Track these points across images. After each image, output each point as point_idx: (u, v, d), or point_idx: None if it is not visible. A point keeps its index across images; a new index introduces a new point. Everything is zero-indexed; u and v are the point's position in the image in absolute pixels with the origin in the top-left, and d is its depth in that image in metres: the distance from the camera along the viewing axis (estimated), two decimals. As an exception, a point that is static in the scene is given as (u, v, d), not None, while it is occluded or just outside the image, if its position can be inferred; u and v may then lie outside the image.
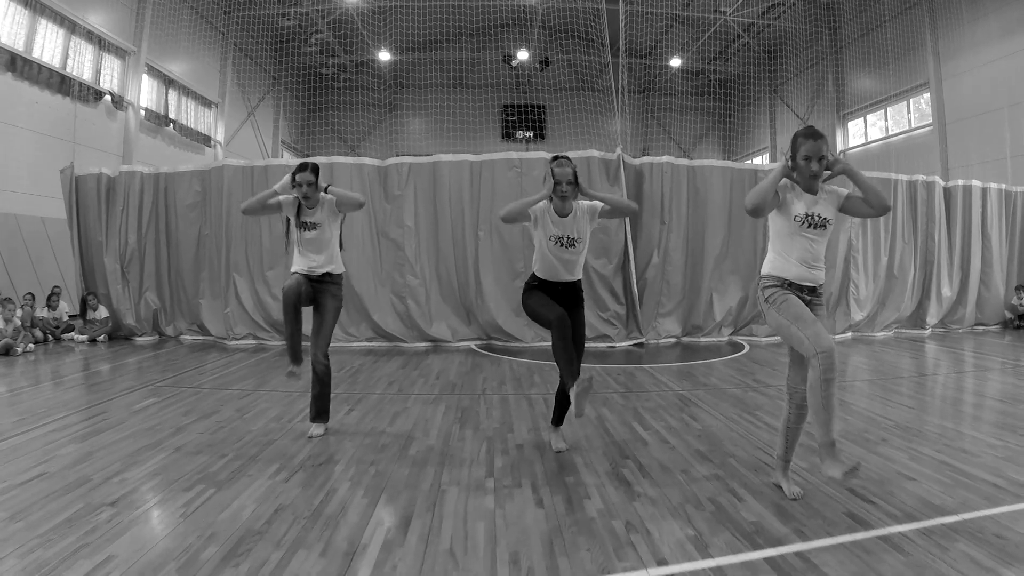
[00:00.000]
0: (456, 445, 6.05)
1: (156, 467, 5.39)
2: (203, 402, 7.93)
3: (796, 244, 4.61)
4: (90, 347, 13.19)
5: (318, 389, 6.48)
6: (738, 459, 5.56)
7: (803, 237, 4.59)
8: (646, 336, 13.16)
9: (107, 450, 5.85)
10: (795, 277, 4.59)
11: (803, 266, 4.59)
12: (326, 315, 6.53)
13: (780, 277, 4.62)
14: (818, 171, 4.52)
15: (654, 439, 6.21)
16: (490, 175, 13.12)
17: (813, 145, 4.51)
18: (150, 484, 4.98)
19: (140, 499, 4.66)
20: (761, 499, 4.62)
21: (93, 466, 5.39)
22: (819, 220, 4.58)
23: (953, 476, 5.09)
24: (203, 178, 13.85)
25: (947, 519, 4.24)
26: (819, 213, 4.58)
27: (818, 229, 4.59)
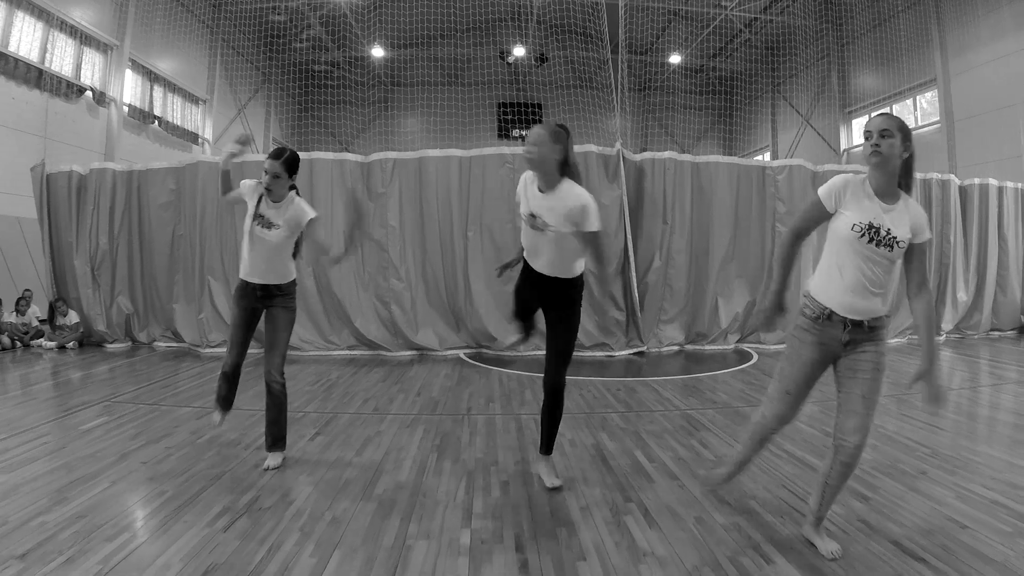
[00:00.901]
0: (431, 482, 5.22)
1: (84, 507, 4.63)
2: (157, 422, 7.14)
3: (850, 260, 3.77)
4: (59, 354, 12.50)
5: (274, 413, 5.65)
6: (760, 501, 4.75)
7: (860, 253, 3.74)
8: (647, 344, 12.38)
9: (36, 483, 5.11)
10: (841, 308, 3.80)
11: (853, 293, 3.76)
12: (280, 329, 5.73)
13: (821, 304, 3.85)
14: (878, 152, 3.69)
15: (661, 474, 5.39)
16: (480, 171, 12.32)
17: (874, 120, 3.72)
18: (71, 530, 4.22)
19: (54, 550, 3.93)
20: (792, 557, 3.83)
21: (14, 504, 4.65)
22: (885, 237, 3.70)
23: (1011, 521, 4.33)
24: (177, 176, 13.11)
25: (1013, 582, 3.44)
26: (887, 227, 3.71)
27: (881, 248, 3.71)
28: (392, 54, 36.35)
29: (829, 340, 3.84)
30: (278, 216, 5.51)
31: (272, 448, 5.66)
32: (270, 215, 5.50)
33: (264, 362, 5.67)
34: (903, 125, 3.72)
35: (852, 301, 3.75)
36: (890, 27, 27.18)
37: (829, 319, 3.82)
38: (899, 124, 3.71)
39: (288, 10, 30.38)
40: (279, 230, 5.49)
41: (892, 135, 3.68)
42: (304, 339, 12.09)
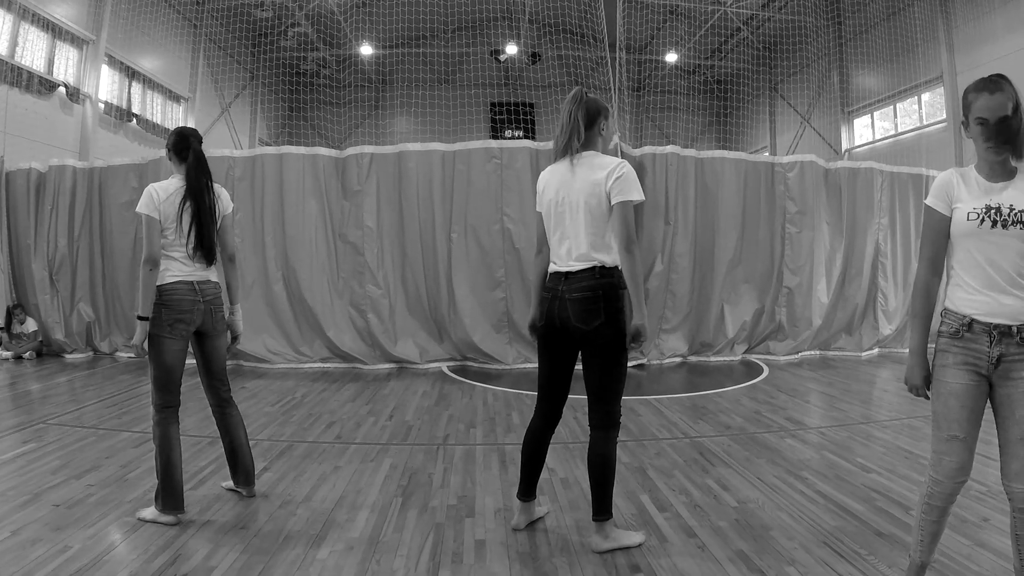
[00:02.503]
0: (390, 540, 4.21)
1: (-33, 566, 3.71)
2: (88, 450, 6.24)
3: (975, 257, 3.12)
4: (15, 365, 11.75)
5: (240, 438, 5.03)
6: (802, 568, 3.77)
7: (986, 243, 3.08)
8: (648, 356, 11.52)
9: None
10: (980, 312, 3.11)
11: (990, 292, 3.08)
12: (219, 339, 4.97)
13: (958, 313, 3.18)
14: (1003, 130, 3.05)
15: (675, 529, 4.39)
16: (466, 167, 11.45)
17: (988, 100, 3.03)
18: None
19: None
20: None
21: None
22: (1013, 215, 3.03)
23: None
24: (140, 172, 12.31)
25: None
26: (1012, 204, 3.04)
27: (1011, 227, 3.03)
28: (382, 53, 35.79)
29: (976, 359, 3.13)
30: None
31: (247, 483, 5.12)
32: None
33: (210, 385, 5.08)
34: (1018, 97, 3.11)
35: (990, 303, 3.10)
36: (893, 23, 26.68)
37: (970, 329, 3.14)
38: (1015, 96, 3.10)
39: (274, 6, 29.69)
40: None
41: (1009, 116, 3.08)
42: (273, 350, 11.29)
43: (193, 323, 4.68)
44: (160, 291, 4.56)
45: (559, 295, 3.98)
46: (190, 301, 4.62)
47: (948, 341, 3.19)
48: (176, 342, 4.60)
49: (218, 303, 4.87)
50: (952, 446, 3.16)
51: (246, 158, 11.71)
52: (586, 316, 3.91)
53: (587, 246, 3.98)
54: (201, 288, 4.69)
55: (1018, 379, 3.03)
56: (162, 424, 4.56)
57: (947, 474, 3.19)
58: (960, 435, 3.14)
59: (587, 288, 3.92)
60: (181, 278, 4.61)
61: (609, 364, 3.98)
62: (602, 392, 4.01)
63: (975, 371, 3.11)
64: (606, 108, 4.11)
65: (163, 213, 4.60)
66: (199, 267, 4.73)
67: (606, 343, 3.95)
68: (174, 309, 4.55)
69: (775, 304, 12.23)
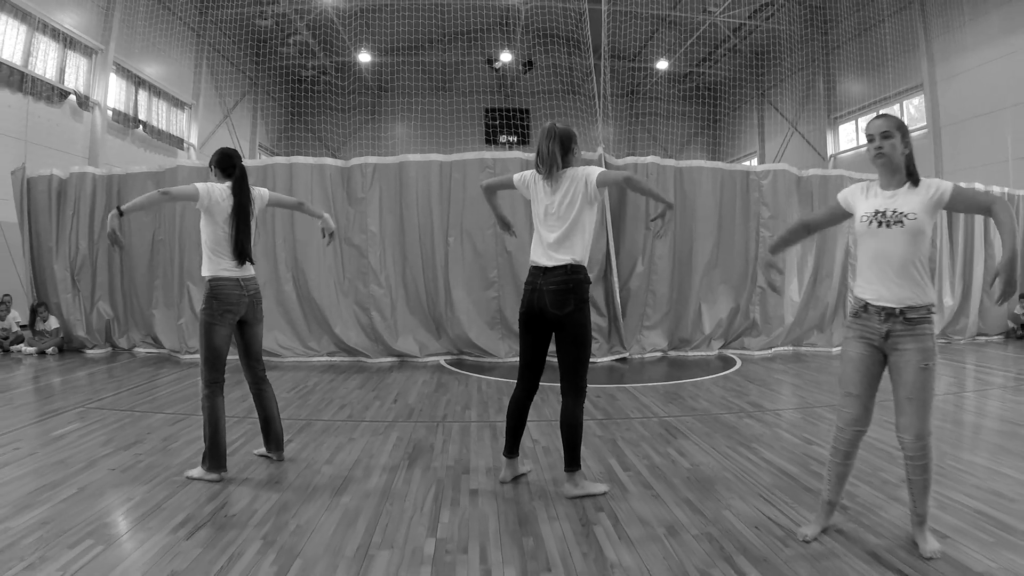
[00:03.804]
0: (399, 490, 5.13)
1: (49, 513, 4.57)
2: (129, 428, 7.05)
3: (870, 253, 4.03)
4: (39, 360, 12.43)
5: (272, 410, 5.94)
6: (735, 511, 4.65)
7: (876, 240, 3.97)
8: (630, 351, 12.32)
9: (2, 489, 5.05)
10: (872, 297, 4.03)
11: (881, 282, 3.96)
12: (258, 327, 5.88)
13: (858, 298, 4.12)
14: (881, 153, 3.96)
15: (635, 483, 5.30)
16: (462, 176, 12.24)
17: (873, 121, 3.98)
18: (34, 536, 4.16)
19: (15, 556, 3.88)
20: (765, 569, 3.74)
21: (-20, 510, 4.56)
22: (892, 216, 3.92)
23: (994, 531, 4.26)
24: (157, 180, 12.86)
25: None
26: (894, 208, 3.92)
27: (893, 227, 3.91)
28: (380, 60, 36.28)
29: (869, 333, 4.01)
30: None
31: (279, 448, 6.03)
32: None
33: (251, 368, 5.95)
34: (901, 124, 4.00)
35: (880, 289, 3.95)
36: (876, 33, 27.33)
37: (865, 311, 4.03)
38: (897, 123, 3.98)
39: (275, 15, 30.27)
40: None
41: (892, 135, 3.95)
42: (284, 346, 12.02)
43: (238, 313, 5.54)
44: (212, 285, 5.42)
45: (537, 287, 4.89)
46: (236, 295, 5.47)
47: (851, 320, 4.11)
48: (224, 328, 5.47)
49: (258, 297, 5.75)
50: (849, 400, 4.08)
51: (258, 167, 12.40)
52: (560, 303, 4.81)
53: (560, 248, 4.88)
54: (245, 284, 5.55)
55: (903, 350, 3.88)
56: (210, 397, 5.41)
57: (846, 422, 4.09)
58: (855, 392, 4.06)
59: (560, 282, 4.83)
60: (230, 275, 5.46)
61: (578, 343, 4.91)
62: (574, 365, 4.93)
63: (869, 343, 4.01)
64: (574, 133, 5.04)
65: (208, 206, 5.47)
66: (241, 266, 5.58)
67: (575, 325, 4.87)
68: (223, 301, 5.41)
69: (750, 303, 13.04)
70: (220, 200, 5.51)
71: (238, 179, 5.60)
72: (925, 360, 3.86)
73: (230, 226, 5.52)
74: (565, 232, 4.88)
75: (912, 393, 3.88)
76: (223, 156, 5.69)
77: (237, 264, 5.56)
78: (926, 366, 3.86)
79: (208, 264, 5.51)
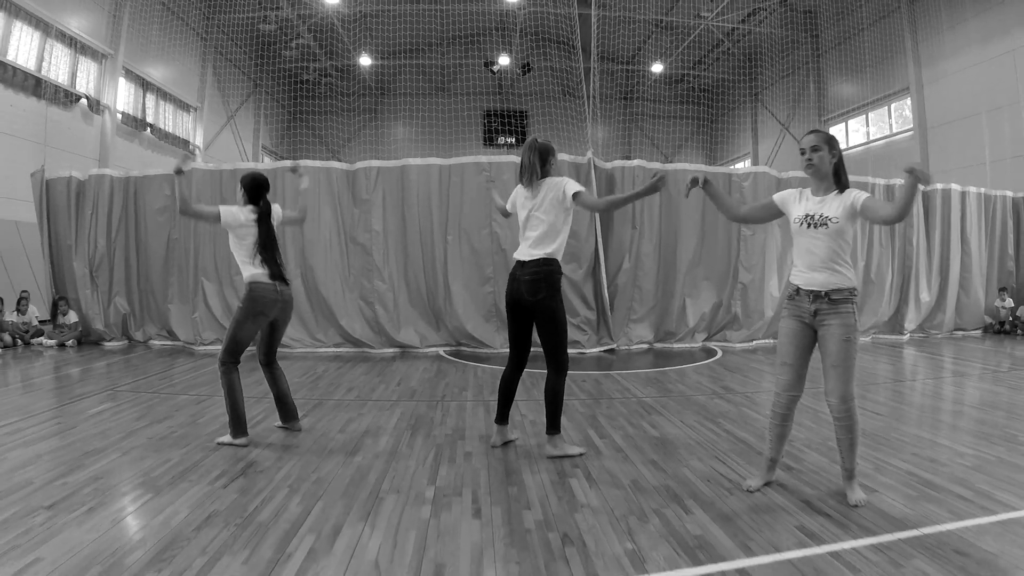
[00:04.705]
0: (404, 452, 5.92)
1: (99, 471, 5.30)
2: (158, 407, 7.79)
3: (801, 248, 4.77)
4: (59, 352, 13.05)
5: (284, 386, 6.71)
6: (693, 469, 5.43)
7: (806, 239, 4.73)
8: (617, 342, 13.05)
9: (54, 454, 5.76)
10: (803, 283, 4.77)
11: (809, 271, 4.72)
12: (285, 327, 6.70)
13: (792, 283, 4.87)
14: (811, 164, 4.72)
15: (608, 448, 6.09)
16: (459, 179, 12.99)
17: (805, 136, 4.75)
18: (90, 488, 4.89)
19: (77, 503, 4.59)
20: (709, 511, 4.49)
21: (37, 469, 5.31)
22: (818, 219, 4.65)
23: (918, 488, 4.96)
24: (173, 182, 13.57)
25: (906, 534, 4.10)
26: (821, 213, 4.66)
27: (819, 229, 4.66)
28: (380, 63, 36.83)
29: (801, 312, 4.77)
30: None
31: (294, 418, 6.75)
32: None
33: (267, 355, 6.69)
34: (830, 138, 4.75)
35: (809, 276, 4.69)
36: (864, 38, 27.97)
37: (797, 294, 4.78)
38: (826, 138, 4.73)
39: (278, 19, 30.93)
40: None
41: (820, 148, 4.69)
42: (293, 337, 12.67)
43: (271, 316, 6.33)
44: (252, 287, 6.16)
45: (516, 278, 5.73)
46: (272, 300, 6.23)
47: (787, 302, 4.89)
48: (254, 326, 6.27)
49: (292, 302, 6.53)
50: (784, 369, 4.86)
51: (269, 170, 12.99)
52: (533, 291, 5.62)
53: (537, 245, 5.68)
54: (281, 290, 6.31)
55: (828, 325, 4.64)
56: (226, 373, 6.16)
57: (782, 388, 4.88)
58: (789, 362, 4.83)
59: (533, 272, 5.64)
60: (268, 282, 6.22)
61: (552, 325, 5.68)
62: (552, 345, 5.70)
63: (801, 321, 4.78)
64: (552, 147, 5.85)
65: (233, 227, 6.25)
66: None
67: (546, 310, 5.66)
68: (259, 303, 6.17)
69: (731, 298, 13.77)
70: (245, 223, 6.28)
71: (264, 215, 6.36)
72: (847, 334, 4.61)
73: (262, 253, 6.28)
74: (543, 233, 5.67)
75: (836, 361, 4.62)
76: (256, 185, 6.44)
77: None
78: (848, 338, 4.61)
79: (246, 270, 6.26)
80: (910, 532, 4.12)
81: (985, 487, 4.94)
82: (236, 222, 6.23)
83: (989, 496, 4.74)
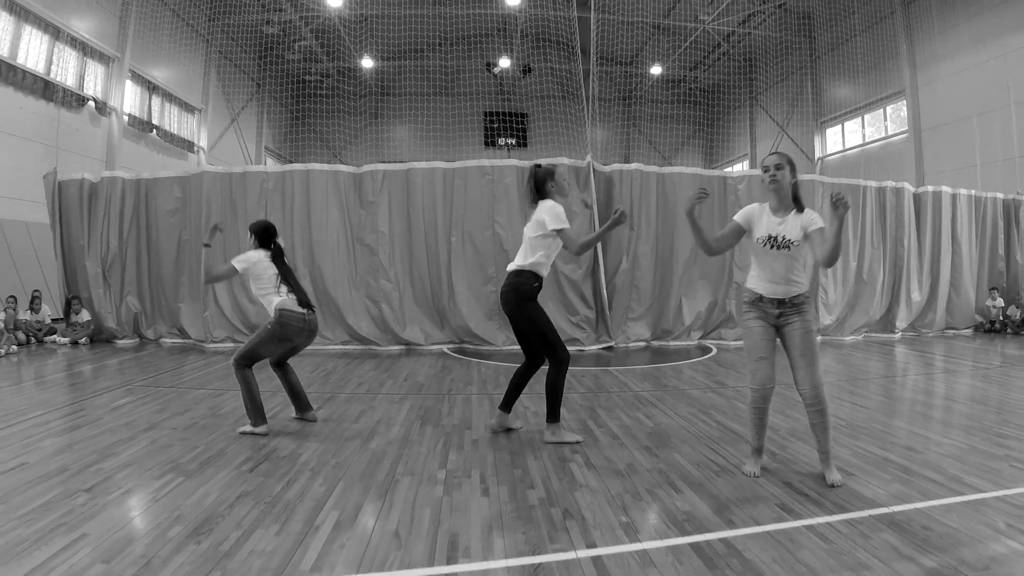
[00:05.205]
0: (415, 440, 6.34)
1: (130, 458, 5.67)
2: (178, 400, 8.18)
3: (762, 262, 5.19)
4: (72, 349, 13.36)
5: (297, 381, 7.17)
6: (683, 455, 5.85)
7: (767, 256, 5.13)
8: (615, 340, 13.47)
9: (84, 443, 6.12)
10: (766, 292, 5.18)
11: (771, 282, 5.15)
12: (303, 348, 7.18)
13: (754, 291, 5.28)
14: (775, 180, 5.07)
15: (605, 436, 6.51)
16: (463, 182, 13.39)
17: (769, 158, 5.14)
18: (123, 473, 5.26)
19: (114, 486, 4.96)
20: (698, 491, 4.89)
21: (71, 457, 5.68)
22: (781, 242, 5.06)
23: (892, 472, 5.34)
24: (183, 184, 14.09)
25: (876, 511, 4.47)
26: (783, 235, 5.06)
27: (781, 250, 5.06)
28: (382, 65, 37.16)
29: (766, 315, 5.23)
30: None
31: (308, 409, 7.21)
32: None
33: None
34: (791, 159, 5.18)
35: (772, 287, 5.16)
36: (861, 41, 28.32)
37: (761, 300, 5.21)
38: (788, 159, 5.15)
39: (281, 22, 31.26)
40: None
41: (783, 167, 5.08)
42: (301, 335, 12.98)
43: (295, 343, 6.81)
44: (282, 314, 6.57)
45: (500, 288, 6.35)
46: (298, 328, 6.66)
47: (749, 305, 5.30)
48: (277, 348, 6.75)
49: (316, 330, 6.97)
50: (761, 364, 5.23)
51: (278, 173, 13.55)
52: (505, 302, 6.20)
53: (516, 258, 6.24)
54: (309, 319, 6.74)
55: (792, 322, 5.14)
56: (241, 370, 6.59)
57: (759, 382, 5.25)
58: (765, 355, 5.22)
59: (506, 284, 6.21)
60: (298, 312, 6.64)
61: (531, 327, 6.17)
62: (541, 344, 6.18)
63: (765, 320, 5.23)
64: (551, 171, 6.27)
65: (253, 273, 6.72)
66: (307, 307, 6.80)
67: (520, 320, 6.20)
68: (287, 330, 6.60)
69: (726, 297, 14.18)
70: (259, 261, 6.78)
71: (277, 255, 6.91)
72: (807, 326, 5.12)
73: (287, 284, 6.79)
74: (523, 248, 6.21)
75: (804, 351, 5.08)
76: (265, 232, 6.98)
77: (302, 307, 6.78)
78: (809, 330, 5.11)
79: (273, 299, 6.69)
80: (881, 510, 4.50)
81: (957, 472, 5.31)
82: (251, 263, 6.73)
83: (959, 480, 5.12)
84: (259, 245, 6.88)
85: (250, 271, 6.70)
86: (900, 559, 3.74)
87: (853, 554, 3.82)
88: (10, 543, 3.87)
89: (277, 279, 6.72)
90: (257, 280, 6.72)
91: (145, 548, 3.83)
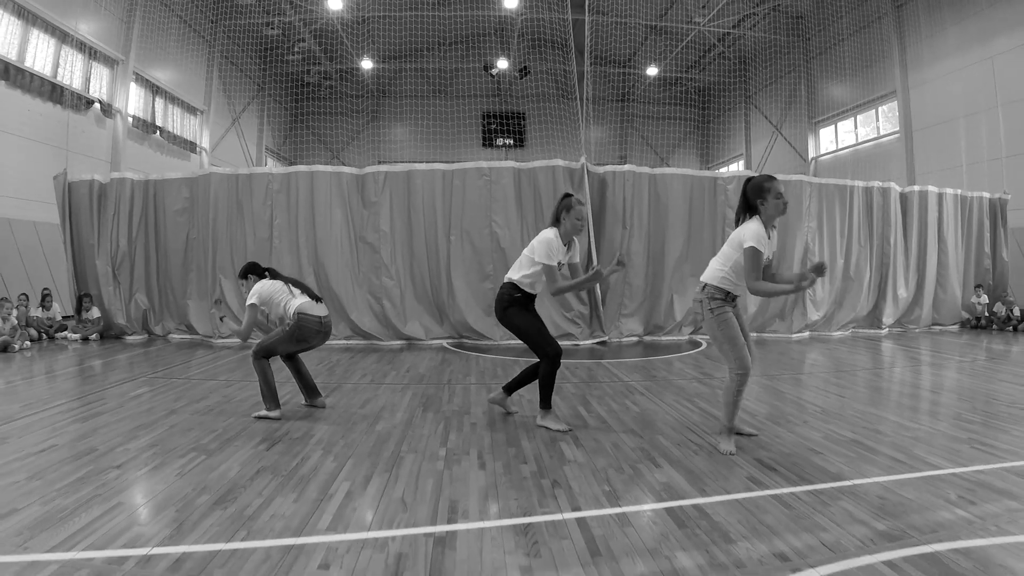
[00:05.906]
0: (417, 423, 6.83)
1: (153, 440, 6.12)
2: (193, 390, 8.63)
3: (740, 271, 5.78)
4: (83, 345, 13.73)
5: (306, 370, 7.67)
6: (666, 436, 6.33)
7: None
8: (609, 335, 13.90)
9: (108, 428, 6.57)
10: (733, 290, 5.90)
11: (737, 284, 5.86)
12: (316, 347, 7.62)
13: (731, 292, 5.93)
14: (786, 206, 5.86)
15: (593, 419, 7.00)
16: (461, 183, 13.84)
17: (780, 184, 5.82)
18: (149, 453, 5.71)
19: (141, 463, 5.41)
20: (676, 467, 5.36)
21: (97, 439, 6.12)
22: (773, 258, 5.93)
23: (859, 452, 5.77)
24: (191, 185, 14.50)
25: (839, 484, 4.91)
26: (773, 251, 5.91)
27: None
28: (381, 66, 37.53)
29: (734, 308, 5.99)
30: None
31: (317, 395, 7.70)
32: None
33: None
34: None
35: (737, 288, 5.93)
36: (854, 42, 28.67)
37: (728, 296, 5.92)
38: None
39: (282, 24, 31.66)
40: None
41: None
42: (306, 330, 13.40)
43: (310, 345, 7.28)
44: (300, 318, 7.02)
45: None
46: (314, 331, 7.13)
47: (723, 302, 5.87)
48: (294, 347, 7.23)
49: (330, 332, 7.45)
50: (743, 350, 5.77)
51: (283, 174, 13.98)
52: (496, 309, 6.76)
53: (512, 268, 6.77)
54: (324, 322, 7.21)
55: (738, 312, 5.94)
56: (259, 360, 7.09)
57: (747, 366, 5.80)
58: (743, 342, 5.80)
59: (497, 295, 6.78)
60: (314, 314, 7.10)
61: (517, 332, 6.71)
62: (530, 346, 6.66)
63: (733, 312, 5.88)
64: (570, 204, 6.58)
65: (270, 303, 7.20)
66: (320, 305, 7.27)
67: (507, 324, 6.75)
68: (304, 331, 7.06)
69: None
70: (272, 288, 7.28)
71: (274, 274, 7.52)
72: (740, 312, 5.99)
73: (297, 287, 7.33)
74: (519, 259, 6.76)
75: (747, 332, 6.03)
76: (252, 267, 7.58)
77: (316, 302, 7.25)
78: None
79: (291, 305, 7.13)
80: (843, 483, 4.95)
81: (920, 453, 5.74)
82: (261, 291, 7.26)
83: (921, 460, 5.54)
84: (259, 279, 7.47)
85: (264, 298, 7.19)
86: (854, 523, 4.16)
87: (811, 518, 4.24)
88: (53, 511, 4.31)
89: (287, 287, 7.25)
90: (272, 299, 7.19)
91: (176, 513, 4.29)
